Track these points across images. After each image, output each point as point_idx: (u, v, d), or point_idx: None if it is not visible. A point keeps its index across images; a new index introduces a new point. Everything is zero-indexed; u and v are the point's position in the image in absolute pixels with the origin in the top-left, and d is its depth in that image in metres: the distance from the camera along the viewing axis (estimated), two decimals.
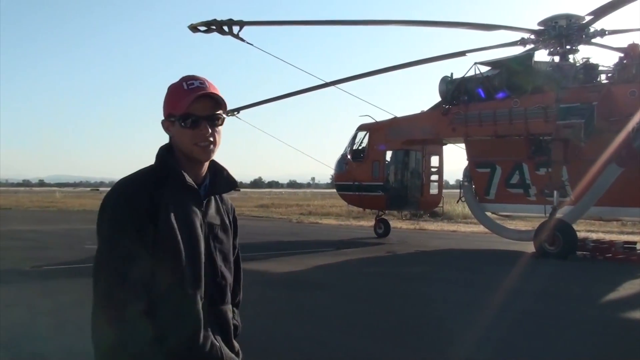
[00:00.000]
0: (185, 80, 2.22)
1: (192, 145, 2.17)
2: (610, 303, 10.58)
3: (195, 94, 2.15)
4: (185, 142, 2.18)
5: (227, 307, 2.30)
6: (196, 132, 2.16)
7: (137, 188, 2.11)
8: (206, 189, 2.28)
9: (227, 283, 2.29)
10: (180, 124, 2.17)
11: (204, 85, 2.20)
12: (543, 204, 17.53)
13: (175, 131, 2.21)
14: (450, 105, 20.05)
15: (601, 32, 18.10)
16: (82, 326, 5.86)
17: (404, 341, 7.48)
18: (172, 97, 2.22)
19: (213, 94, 2.18)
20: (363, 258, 16.48)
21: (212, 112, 2.19)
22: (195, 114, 2.16)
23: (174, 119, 2.19)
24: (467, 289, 11.68)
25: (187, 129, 2.17)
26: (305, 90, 23.50)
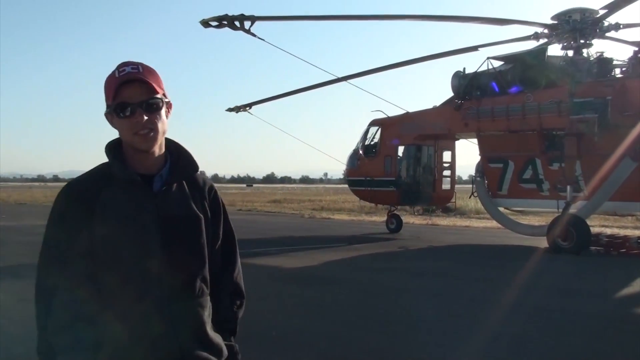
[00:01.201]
0: (118, 68, 2.09)
1: (132, 135, 2.07)
2: (624, 298, 10.51)
3: (121, 80, 2.05)
4: (125, 132, 2.08)
5: (197, 300, 2.15)
6: (132, 120, 2.05)
7: (77, 187, 2.12)
8: (162, 178, 2.16)
9: (193, 276, 2.14)
10: (117, 114, 2.07)
11: (136, 70, 2.07)
12: (556, 199, 17.44)
13: (114, 122, 2.11)
14: (463, 100, 19.97)
15: (616, 26, 17.93)
16: None
17: (415, 336, 7.47)
18: (106, 86, 2.11)
19: (139, 74, 2.06)
20: (375, 253, 16.45)
21: (145, 98, 2.07)
22: (128, 102, 2.05)
23: (109, 109, 2.09)
24: (480, 285, 11.63)
25: (123, 119, 2.06)
26: (317, 85, 23.48)
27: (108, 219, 2.02)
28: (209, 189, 2.30)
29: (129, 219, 2.04)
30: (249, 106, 25.14)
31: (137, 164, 2.12)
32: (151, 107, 2.07)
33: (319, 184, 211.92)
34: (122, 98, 2.04)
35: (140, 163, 2.12)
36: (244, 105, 25.04)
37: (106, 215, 2.03)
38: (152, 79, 2.08)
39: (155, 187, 2.13)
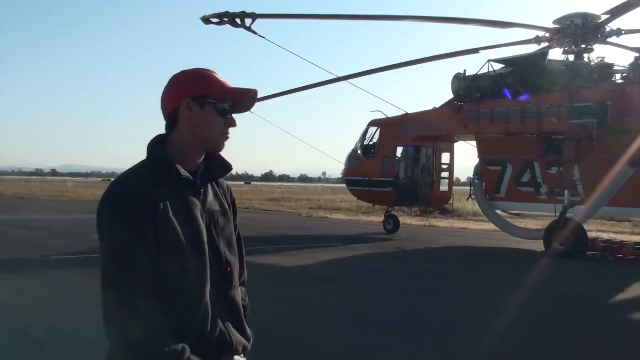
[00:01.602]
0: (210, 72, 2.21)
1: (217, 134, 2.17)
2: (619, 303, 10.53)
3: (244, 88, 2.21)
4: (211, 128, 2.16)
5: (235, 291, 2.29)
6: (227, 120, 2.18)
7: (133, 187, 2.05)
8: (201, 176, 2.23)
9: (232, 268, 2.27)
10: (217, 108, 2.15)
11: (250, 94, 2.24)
12: (554, 203, 17.44)
13: (201, 114, 2.14)
14: (463, 102, 19.98)
15: (617, 32, 17.94)
16: (89, 315, 5.86)
17: (410, 337, 7.46)
18: (207, 79, 2.18)
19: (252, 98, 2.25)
20: (371, 253, 16.46)
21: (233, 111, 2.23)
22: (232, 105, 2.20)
23: (209, 100, 2.14)
24: (475, 287, 11.63)
25: (219, 116, 2.16)
26: (317, 84, 23.44)
27: (169, 215, 2.05)
28: (227, 187, 2.43)
29: (186, 215, 2.10)
30: None
31: (188, 161, 2.17)
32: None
33: (317, 182, 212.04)
34: (234, 97, 2.19)
35: (192, 161, 2.19)
36: None
37: (167, 212, 2.05)
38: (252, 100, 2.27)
39: (198, 184, 2.21)
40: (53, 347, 6.60)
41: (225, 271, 2.23)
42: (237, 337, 2.22)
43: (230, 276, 2.26)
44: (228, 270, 2.24)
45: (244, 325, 2.31)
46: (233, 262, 2.28)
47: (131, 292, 1.95)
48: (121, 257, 1.98)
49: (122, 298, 1.96)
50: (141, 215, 2.00)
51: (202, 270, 2.11)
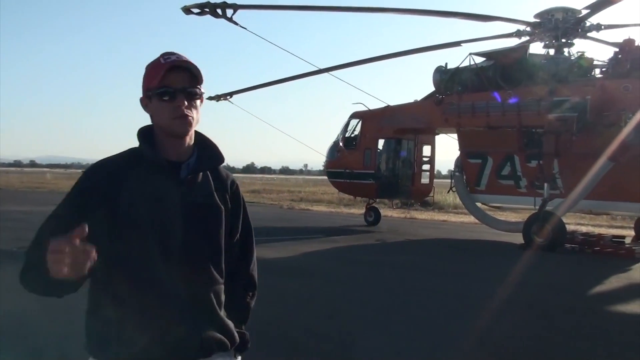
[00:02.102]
0: (162, 56, 2.21)
1: (171, 120, 2.15)
2: (597, 295, 10.65)
3: (170, 65, 2.15)
4: (164, 116, 2.16)
5: (213, 288, 2.23)
6: (173, 105, 2.14)
7: (98, 169, 2.17)
8: (189, 166, 2.23)
9: (208, 264, 2.22)
10: (159, 97, 2.15)
11: (181, 59, 2.18)
12: (533, 196, 17.59)
13: (153, 107, 2.19)
14: (444, 95, 20.03)
15: (597, 27, 18.07)
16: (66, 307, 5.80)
17: (391, 329, 7.49)
18: (150, 71, 2.20)
19: (188, 63, 2.16)
20: (352, 246, 16.49)
21: (188, 85, 2.17)
22: (170, 86, 2.14)
23: (151, 92, 2.17)
24: (456, 279, 11.69)
25: (164, 102, 2.15)
26: (299, 76, 23.40)
27: (135, 199, 2.08)
28: (231, 182, 2.42)
29: (154, 201, 2.11)
30: (230, 95, 25.00)
31: (168, 150, 2.20)
32: (191, 95, 2.18)
33: (299, 175, 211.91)
34: (167, 82, 2.14)
35: (172, 149, 2.20)
36: (225, 94, 24.89)
37: (133, 195, 2.09)
38: (195, 68, 2.19)
39: (182, 175, 2.20)
40: (29, 339, 6.53)
41: (200, 266, 2.20)
42: (208, 335, 2.19)
43: (205, 272, 2.21)
44: (202, 265, 2.21)
45: (222, 323, 2.27)
46: (211, 258, 2.24)
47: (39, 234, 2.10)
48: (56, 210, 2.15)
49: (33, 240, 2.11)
50: (95, 191, 2.10)
51: (164, 259, 2.10)
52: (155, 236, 2.08)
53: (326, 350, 6.57)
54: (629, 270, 13.25)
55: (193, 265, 2.16)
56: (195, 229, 2.18)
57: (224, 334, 2.25)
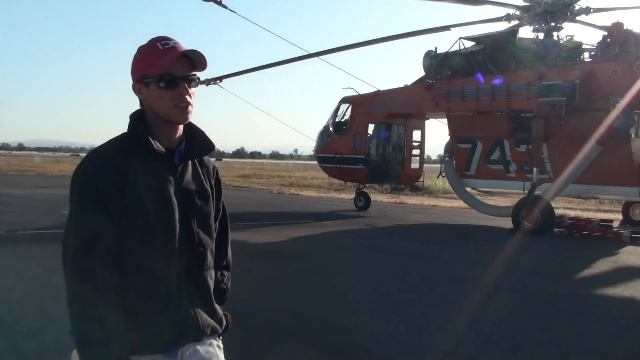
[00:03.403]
0: (158, 41, 2.17)
1: (172, 107, 2.13)
2: (586, 279, 10.72)
3: (175, 52, 2.12)
4: (164, 104, 2.13)
5: (208, 272, 2.26)
6: (174, 92, 2.12)
7: (104, 159, 2.09)
8: (181, 153, 2.23)
9: (205, 249, 2.25)
10: (159, 84, 2.12)
11: (178, 45, 2.16)
12: (522, 181, 17.66)
13: (150, 93, 2.16)
14: (434, 80, 20.01)
15: (586, 10, 18.08)
16: (55, 291, 5.79)
17: (380, 313, 7.51)
18: (147, 57, 2.16)
19: (193, 51, 2.14)
20: (342, 230, 16.52)
21: (188, 73, 2.16)
22: (174, 74, 2.12)
23: (150, 79, 2.13)
24: (445, 264, 11.76)
25: (165, 90, 2.12)
26: (289, 60, 23.30)
27: (139, 188, 2.07)
28: (213, 167, 2.41)
29: (156, 190, 2.11)
30: (220, 79, 24.84)
31: (161, 137, 2.16)
32: (192, 82, 2.18)
33: (289, 159, 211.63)
34: (169, 70, 2.11)
35: (164, 136, 2.17)
36: (215, 78, 24.73)
37: (138, 185, 2.07)
38: (201, 57, 2.16)
39: (175, 162, 2.21)
40: (18, 324, 6.52)
41: (197, 251, 2.21)
42: (204, 320, 2.21)
43: (202, 257, 2.23)
44: (200, 250, 2.22)
45: (214, 308, 2.29)
46: (207, 243, 2.26)
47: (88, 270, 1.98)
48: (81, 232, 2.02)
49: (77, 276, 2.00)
50: (107, 189, 2.03)
51: (167, 247, 2.11)
52: (159, 222, 2.09)
53: (313, 332, 6.59)
54: (616, 253, 13.34)
55: (193, 251, 2.19)
56: (192, 214, 2.20)
57: (214, 318, 2.27)
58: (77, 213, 2.04)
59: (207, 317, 2.22)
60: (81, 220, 2.02)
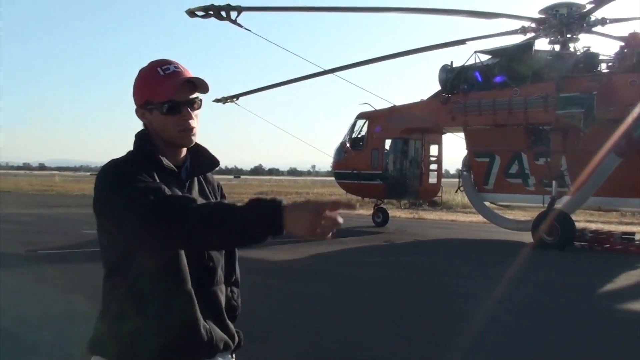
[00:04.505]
0: (158, 66, 2.16)
1: (176, 132, 2.14)
2: (608, 294, 10.56)
3: (178, 78, 2.12)
4: (168, 129, 2.14)
5: (218, 287, 2.25)
6: (178, 118, 2.13)
7: (131, 165, 2.08)
8: (187, 170, 2.24)
9: (215, 264, 2.23)
10: (161, 111, 2.13)
11: (179, 69, 2.16)
12: (542, 194, 17.49)
13: (154, 119, 2.16)
14: (450, 94, 19.96)
15: (602, 21, 17.96)
16: (72, 311, 5.76)
17: (399, 331, 7.43)
18: (148, 83, 2.16)
19: (195, 78, 2.14)
20: (360, 247, 16.43)
21: (190, 96, 2.16)
22: (177, 100, 2.12)
23: (153, 106, 2.14)
24: (465, 279, 11.63)
25: (169, 116, 2.13)
26: (305, 77, 23.35)
27: None
28: (218, 184, 2.43)
29: None
30: (237, 97, 24.97)
31: (168, 156, 2.18)
32: (195, 105, 2.18)
33: (306, 176, 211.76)
34: (172, 96, 2.11)
35: (172, 156, 2.19)
36: (231, 97, 24.86)
37: None
38: (202, 82, 2.17)
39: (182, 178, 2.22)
40: (36, 344, 6.52)
41: (207, 266, 2.20)
42: (218, 334, 2.19)
43: (212, 271, 2.22)
44: (210, 265, 2.21)
45: (226, 323, 2.27)
46: (216, 258, 2.24)
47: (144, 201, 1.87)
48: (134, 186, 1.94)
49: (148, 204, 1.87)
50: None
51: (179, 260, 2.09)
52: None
53: (330, 350, 6.53)
54: (639, 267, 13.14)
55: (203, 265, 2.18)
56: None
57: (227, 334, 2.26)
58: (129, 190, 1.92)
59: (220, 332, 2.21)
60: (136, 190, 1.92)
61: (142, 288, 2.04)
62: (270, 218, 1.80)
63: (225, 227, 1.80)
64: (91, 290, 2.01)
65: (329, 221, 1.78)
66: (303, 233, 1.76)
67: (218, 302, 2.24)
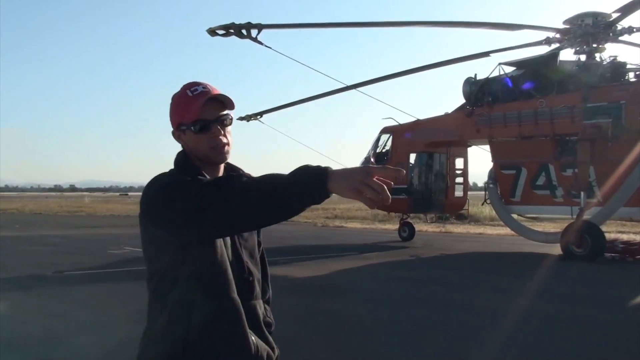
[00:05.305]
0: (188, 88, 2.24)
1: (209, 150, 2.20)
2: (638, 307, 10.28)
3: (203, 98, 2.18)
4: (201, 147, 2.21)
5: (257, 302, 2.30)
6: (209, 136, 2.19)
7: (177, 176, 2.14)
8: None
9: (254, 278, 2.30)
10: (193, 130, 2.20)
11: (207, 89, 2.22)
12: (570, 205, 17.23)
13: (188, 139, 2.24)
14: (475, 107, 19.83)
15: (629, 30, 17.73)
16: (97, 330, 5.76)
17: (426, 347, 7.31)
18: (179, 106, 2.25)
19: (219, 95, 2.21)
20: (386, 262, 16.30)
21: (220, 114, 2.22)
22: (205, 119, 2.19)
23: (185, 127, 2.22)
24: (493, 294, 11.44)
25: (200, 135, 2.19)
26: (327, 93, 23.35)
27: None
28: None
29: None
30: (260, 115, 25.09)
31: (207, 174, 2.23)
32: (225, 123, 2.23)
33: None
34: (201, 115, 2.18)
35: (210, 174, 2.24)
36: (255, 114, 24.98)
37: None
38: (226, 98, 2.23)
39: None
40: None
41: (247, 280, 2.25)
42: (262, 345, 2.24)
43: (251, 286, 2.27)
44: (250, 279, 2.27)
45: (266, 336, 2.30)
46: (255, 274, 2.31)
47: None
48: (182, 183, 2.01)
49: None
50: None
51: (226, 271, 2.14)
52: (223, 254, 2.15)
53: None
54: None
55: (243, 280, 2.23)
56: (241, 244, 2.28)
57: (268, 345, 2.30)
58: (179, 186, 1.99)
59: (263, 343, 2.25)
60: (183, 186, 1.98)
61: (193, 297, 2.08)
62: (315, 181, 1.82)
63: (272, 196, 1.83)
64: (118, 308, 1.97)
65: (377, 186, 1.82)
66: (349, 194, 1.79)
67: (257, 315, 2.28)
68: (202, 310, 2.08)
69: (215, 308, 2.10)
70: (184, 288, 2.09)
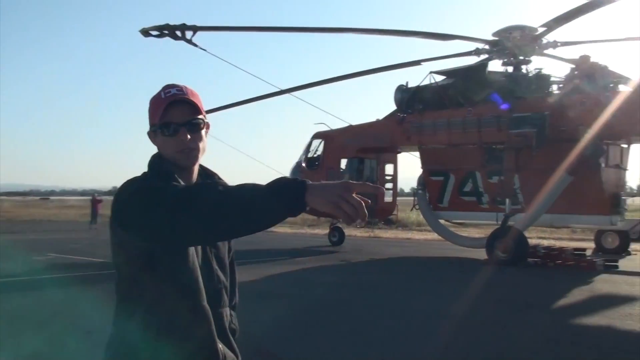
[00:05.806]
0: (163, 90, 2.23)
1: (175, 153, 2.18)
2: (561, 309, 10.67)
3: (169, 101, 2.16)
4: (169, 150, 2.19)
5: (224, 310, 2.27)
6: (176, 139, 2.17)
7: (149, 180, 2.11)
8: None
9: (223, 286, 2.28)
10: (161, 132, 2.19)
11: (181, 92, 2.20)
12: (495, 212, 17.73)
13: (158, 141, 2.23)
14: (405, 114, 20.13)
15: (554, 44, 18.39)
16: (20, 340, 5.55)
17: (359, 350, 7.38)
18: (152, 107, 2.23)
19: (186, 99, 2.18)
20: (317, 267, 16.36)
21: (189, 118, 2.19)
22: (172, 121, 2.17)
23: (155, 128, 2.21)
24: (421, 297, 11.66)
25: (167, 137, 2.18)
26: (261, 97, 23.26)
27: None
28: None
29: None
30: None
31: (180, 178, 2.19)
32: (194, 127, 2.20)
33: None
34: (168, 118, 2.16)
35: (183, 179, 2.19)
36: None
37: None
38: (195, 100, 2.20)
39: None
40: None
41: (217, 288, 2.24)
42: (229, 354, 2.23)
43: (220, 293, 2.26)
44: (219, 287, 2.25)
45: (231, 343, 2.29)
46: (224, 281, 2.29)
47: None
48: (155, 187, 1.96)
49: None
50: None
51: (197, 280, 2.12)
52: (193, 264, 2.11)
53: None
54: (590, 282, 13.37)
55: (212, 287, 2.20)
56: (212, 254, 2.26)
57: (234, 352, 2.29)
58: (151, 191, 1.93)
59: (229, 351, 2.24)
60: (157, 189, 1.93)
61: (162, 304, 2.06)
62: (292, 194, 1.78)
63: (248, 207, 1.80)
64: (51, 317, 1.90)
65: (355, 202, 1.76)
66: (327, 207, 1.75)
67: (224, 323, 2.26)
68: (171, 317, 2.06)
69: (185, 315, 2.08)
70: (154, 295, 2.06)
